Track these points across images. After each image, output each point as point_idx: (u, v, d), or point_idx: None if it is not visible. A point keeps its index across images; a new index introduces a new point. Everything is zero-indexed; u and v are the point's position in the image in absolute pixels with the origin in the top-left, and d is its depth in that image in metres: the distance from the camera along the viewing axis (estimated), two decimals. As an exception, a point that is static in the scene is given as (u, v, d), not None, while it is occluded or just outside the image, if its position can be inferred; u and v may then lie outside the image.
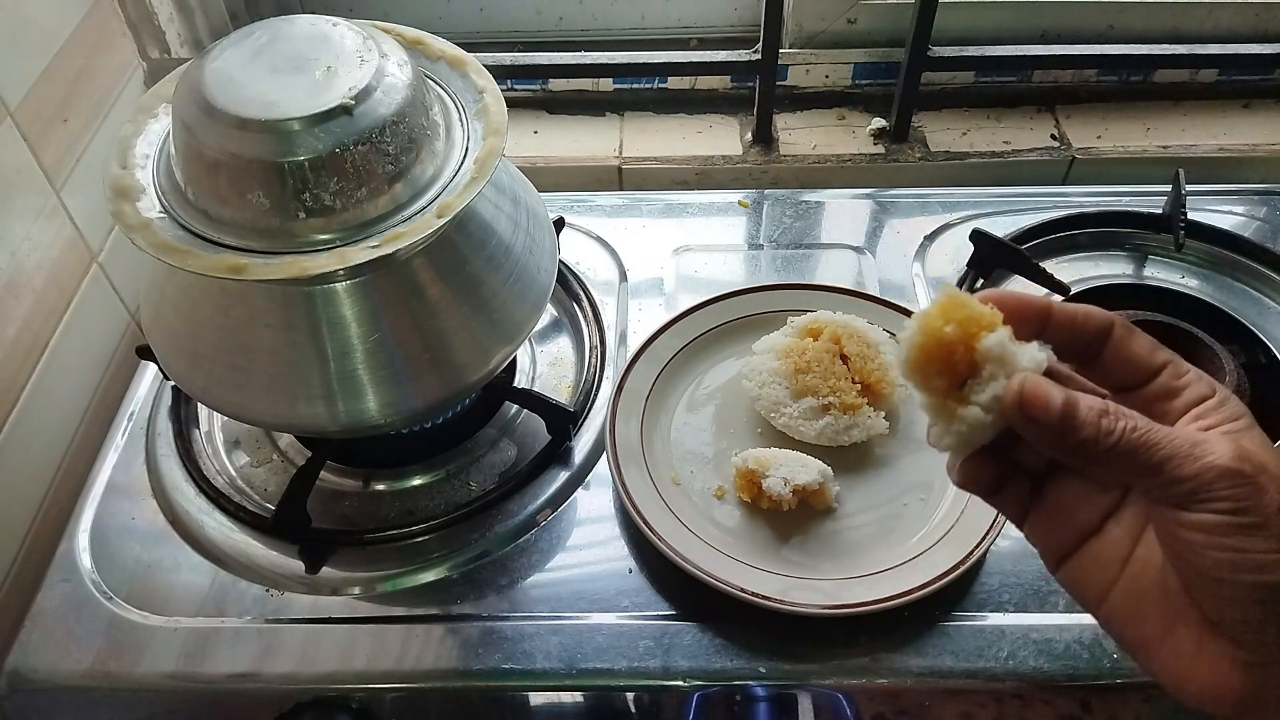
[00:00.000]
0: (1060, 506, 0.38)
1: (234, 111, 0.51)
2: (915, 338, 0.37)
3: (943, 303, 0.37)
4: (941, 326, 0.36)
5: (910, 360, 0.37)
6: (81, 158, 0.79)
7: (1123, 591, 0.36)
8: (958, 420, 0.36)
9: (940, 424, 0.37)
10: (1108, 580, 0.37)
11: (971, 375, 0.36)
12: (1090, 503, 0.38)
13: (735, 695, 0.58)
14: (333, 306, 0.56)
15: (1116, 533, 0.37)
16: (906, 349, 0.37)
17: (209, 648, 0.60)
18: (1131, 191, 0.90)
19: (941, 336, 0.36)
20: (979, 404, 0.36)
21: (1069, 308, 0.38)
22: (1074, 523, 0.38)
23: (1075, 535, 0.38)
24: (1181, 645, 0.35)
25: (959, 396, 0.37)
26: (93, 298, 0.80)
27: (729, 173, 0.96)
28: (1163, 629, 0.35)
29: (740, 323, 0.76)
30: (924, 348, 0.37)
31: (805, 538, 0.64)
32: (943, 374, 0.37)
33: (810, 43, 1.00)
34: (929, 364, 0.37)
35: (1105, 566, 0.37)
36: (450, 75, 0.61)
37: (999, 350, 0.36)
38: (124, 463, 0.71)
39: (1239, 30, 0.99)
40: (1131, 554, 0.37)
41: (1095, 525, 0.38)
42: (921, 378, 0.37)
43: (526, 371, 0.77)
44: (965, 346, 0.36)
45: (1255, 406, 0.67)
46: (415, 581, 0.63)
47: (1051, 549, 0.39)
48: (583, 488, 0.68)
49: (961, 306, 0.37)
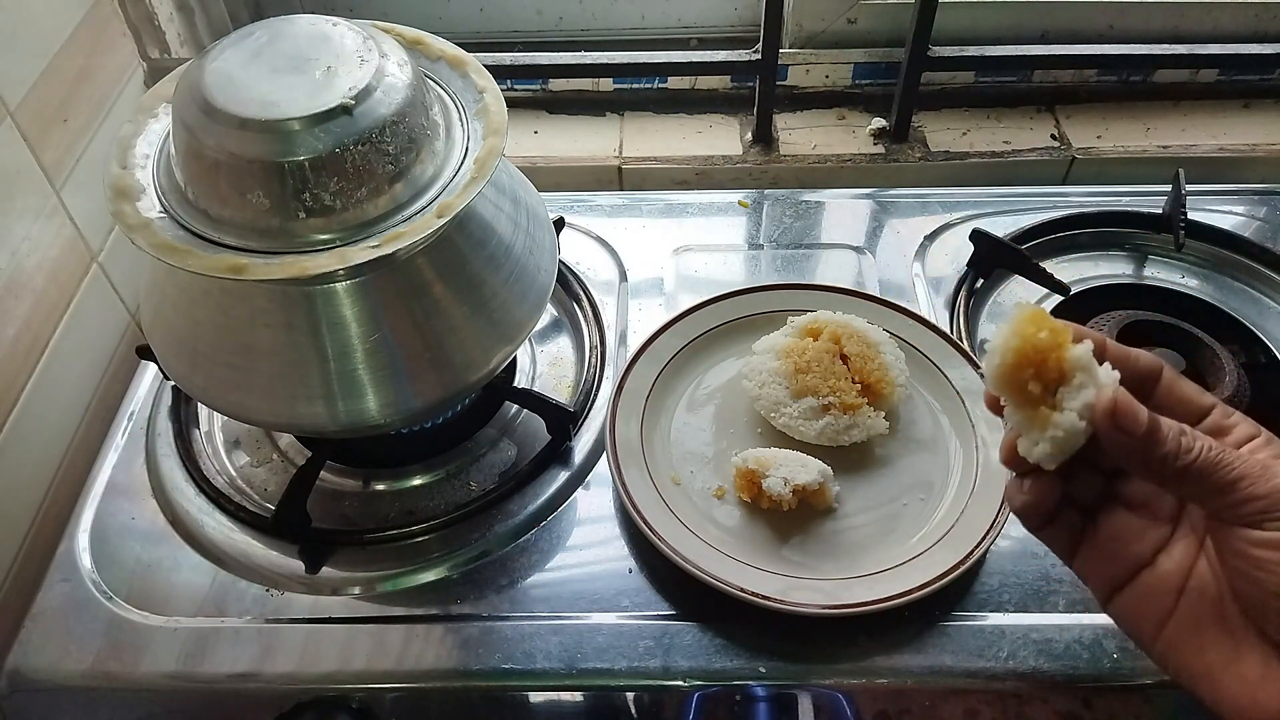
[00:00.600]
0: (1112, 539, 0.39)
1: (234, 111, 0.51)
2: (1012, 341, 0.38)
3: (1031, 313, 0.38)
4: (1036, 332, 0.37)
5: (1005, 365, 0.38)
6: (81, 158, 0.79)
7: (1179, 623, 0.37)
8: (1053, 426, 0.37)
9: (1034, 432, 0.38)
10: (1163, 612, 0.37)
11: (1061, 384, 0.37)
12: (1142, 536, 0.38)
13: (735, 695, 0.58)
14: (333, 306, 0.56)
15: (1169, 565, 0.37)
16: (1002, 353, 0.38)
17: (209, 648, 0.60)
18: (1131, 191, 0.90)
19: (1037, 342, 0.37)
20: (1074, 409, 0.37)
21: (1119, 346, 0.39)
22: (1127, 555, 0.38)
23: (1127, 569, 0.38)
24: (1247, 672, 0.35)
25: (1052, 404, 0.37)
26: (93, 298, 0.81)
27: (729, 173, 0.96)
28: (1225, 658, 0.35)
29: (740, 323, 0.76)
30: (1020, 351, 0.38)
31: (805, 538, 0.64)
32: (1036, 380, 0.38)
33: (810, 43, 1.00)
34: (1023, 369, 0.38)
35: (1160, 598, 0.37)
36: (450, 75, 0.61)
37: (1088, 360, 0.37)
38: (124, 463, 0.71)
39: (1239, 30, 0.99)
40: (1186, 585, 0.37)
41: (1148, 558, 0.38)
42: (1014, 384, 0.38)
43: (526, 371, 0.77)
44: (1055, 355, 0.37)
45: (1255, 406, 0.68)
46: (415, 581, 0.63)
47: (1103, 583, 0.39)
48: (583, 488, 0.68)
49: (1048, 319, 0.38)
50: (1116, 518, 0.39)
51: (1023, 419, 0.38)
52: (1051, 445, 0.37)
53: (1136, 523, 0.38)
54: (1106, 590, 0.39)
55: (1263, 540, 0.33)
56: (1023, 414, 0.38)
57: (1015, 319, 0.38)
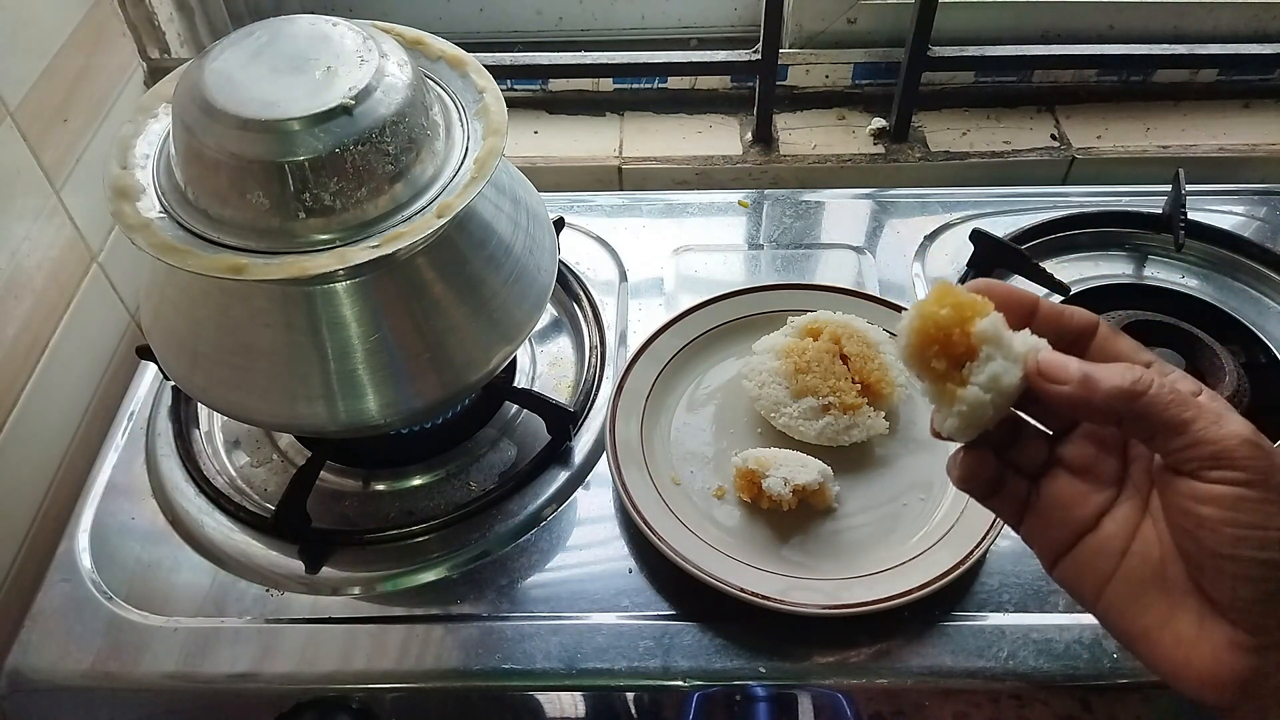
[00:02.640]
0: (1056, 505, 0.39)
1: (234, 111, 0.51)
2: (913, 322, 0.38)
3: (937, 290, 0.38)
4: (937, 310, 0.38)
5: (910, 345, 0.39)
6: (81, 158, 0.79)
7: (1120, 582, 0.37)
8: (958, 401, 0.38)
9: (942, 408, 0.39)
10: (1105, 573, 0.37)
11: (969, 359, 0.38)
12: (1086, 500, 0.39)
13: (735, 695, 0.58)
14: (333, 306, 0.56)
15: (1112, 528, 0.38)
16: (905, 334, 0.39)
17: (209, 648, 0.60)
18: (1131, 191, 0.90)
19: (938, 319, 0.38)
20: (978, 384, 0.37)
21: (1054, 304, 0.39)
22: (1070, 520, 0.39)
23: (1071, 533, 0.39)
24: (1181, 632, 0.35)
25: (959, 379, 0.38)
26: (93, 298, 0.81)
27: (729, 173, 0.96)
28: (1161, 618, 0.36)
29: (740, 323, 0.76)
30: (921, 331, 0.38)
31: (805, 538, 0.64)
32: (940, 357, 0.38)
33: (810, 43, 1.00)
34: (927, 347, 0.38)
35: (1103, 560, 0.38)
36: (450, 75, 0.61)
37: (994, 332, 0.37)
38: (124, 463, 0.71)
39: (1239, 30, 0.99)
40: (1129, 548, 0.37)
41: (1091, 522, 0.38)
42: (920, 361, 0.39)
43: (526, 371, 0.77)
44: (961, 331, 0.37)
45: (1255, 406, 0.68)
46: (415, 581, 0.63)
47: (1048, 547, 0.39)
48: (583, 488, 0.68)
49: (955, 294, 0.38)
50: (1059, 483, 0.39)
51: (933, 394, 0.39)
52: (959, 419, 0.38)
53: (1080, 487, 0.39)
54: (1051, 556, 0.39)
55: (1205, 494, 0.33)
56: (932, 390, 0.39)
57: (920, 300, 0.39)
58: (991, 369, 0.37)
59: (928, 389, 0.39)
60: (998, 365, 0.37)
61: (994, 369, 0.37)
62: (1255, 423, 0.35)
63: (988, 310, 0.38)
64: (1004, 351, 0.37)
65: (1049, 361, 0.36)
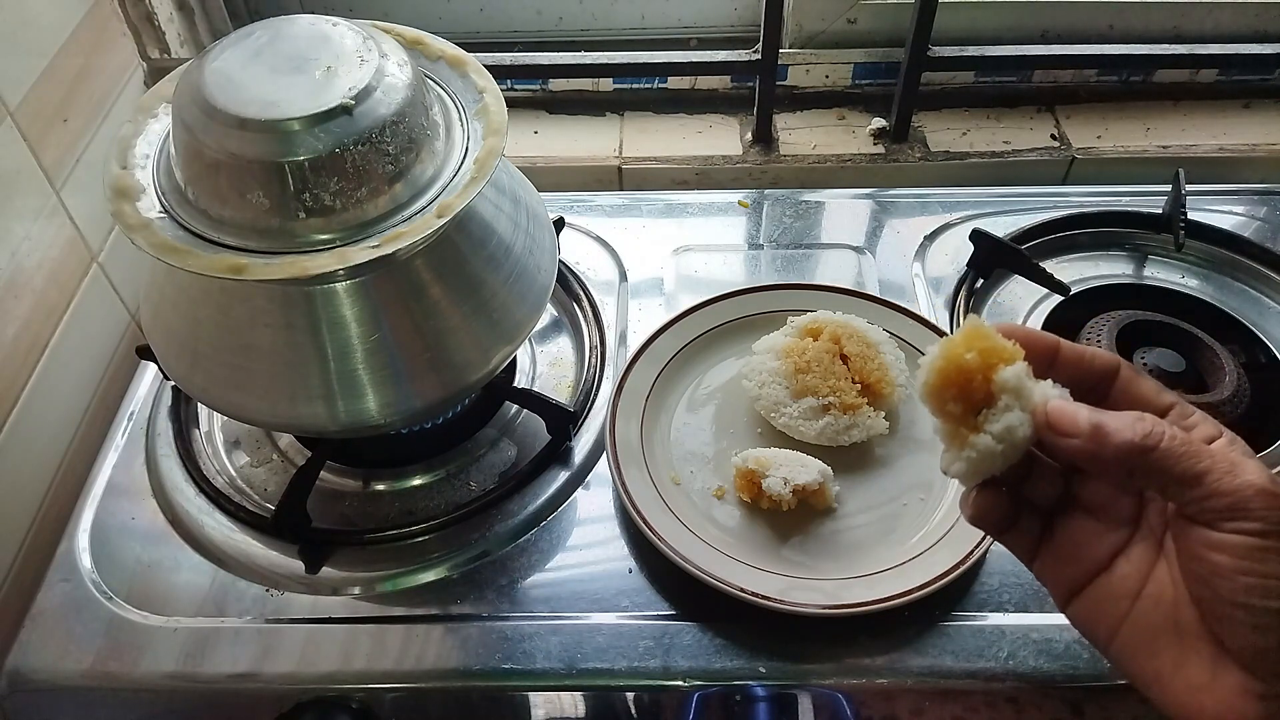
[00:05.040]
0: (1070, 543, 0.39)
1: (234, 111, 0.51)
2: (936, 361, 0.38)
3: (967, 331, 0.38)
4: (963, 353, 0.37)
5: (929, 384, 0.38)
6: (81, 158, 0.79)
7: (1133, 626, 0.37)
8: (969, 447, 0.37)
9: (952, 450, 0.38)
10: (1118, 616, 0.37)
11: (987, 405, 0.37)
12: (1100, 540, 0.38)
13: (735, 695, 0.58)
14: (333, 306, 0.56)
15: (1126, 569, 0.37)
16: (927, 372, 0.38)
17: (209, 648, 0.60)
18: (1131, 191, 0.90)
19: (962, 363, 0.37)
20: (991, 433, 0.37)
21: (1076, 346, 0.39)
22: (1084, 559, 0.38)
23: (1085, 572, 0.38)
24: (1194, 678, 0.35)
25: (973, 424, 0.37)
26: (93, 298, 0.81)
27: (729, 173, 0.96)
28: (1174, 662, 0.35)
29: (740, 323, 0.76)
30: (944, 372, 0.38)
31: (805, 538, 0.64)
32: (959, 400, 0.38)
33: (810, 43, 1.00)
34: (946, 389, 0.38)
35: (1116, 602, 0.37)
36: (450, 75, 0.61)
37: (1015, 382, 0.36)
38: (124, 463, 0.71)
39: (1239, 30, 0.99)
40: (1142, 590, 0.37)
41: (1105, 562, 0.38)
42: (938, 402, 0.38)
43: (526, 371, 0.77)
44: (984, 376, 0.37)
45: (1255, 406, 0.68)
46: (415, 581, 0.63)
47: (1061, 586, 0.39)
48: (583, 488, 0.68)
49: (985, 337, 0.37)
50: (1074, 522, 0.39)
51: (944, 434, 0.39)
52: (966, 465, 0.38)
53: (1094, 527, 0.38)
54: (1064, 594, 0.39)
55: (1219, 543, 0.33)
56: (944, 429, 0.39)
57: (949, 338, 0.38)
58: (1008, 420, 0.36)
59: (940, 427, 0.39)
60: (1014, 416, 0.36)
61: (1010, 420, 0.36)
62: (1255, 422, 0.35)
63: (1016, 358, 0.37)
64: (1023, 403, 0.36)
65: (1058, 411, 0.36)
